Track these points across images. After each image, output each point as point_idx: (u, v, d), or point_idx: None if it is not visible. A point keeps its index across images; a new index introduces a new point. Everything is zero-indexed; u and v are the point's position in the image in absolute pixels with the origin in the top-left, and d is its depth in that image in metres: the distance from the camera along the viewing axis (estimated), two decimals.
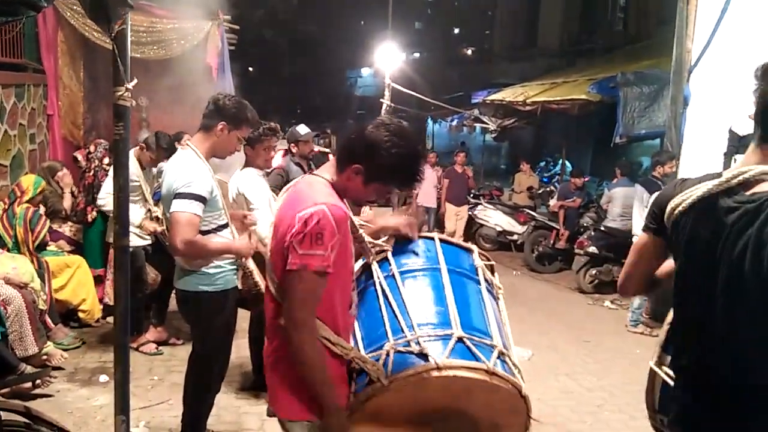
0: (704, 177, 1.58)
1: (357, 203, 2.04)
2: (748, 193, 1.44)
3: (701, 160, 6.22)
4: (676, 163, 6.30)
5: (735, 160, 5.85)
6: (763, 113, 1.49)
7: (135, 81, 2.18)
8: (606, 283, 7.74)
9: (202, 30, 7.86)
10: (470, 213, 10.59)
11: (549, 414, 4.16)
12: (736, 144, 5.85)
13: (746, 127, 5.81)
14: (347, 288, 2.03)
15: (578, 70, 12.77)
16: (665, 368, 1.92)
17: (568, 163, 12.70)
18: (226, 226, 3.09)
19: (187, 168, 2.89)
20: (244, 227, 3.22)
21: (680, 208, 1.54)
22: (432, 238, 2.49)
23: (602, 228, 7.92)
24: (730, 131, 5.87)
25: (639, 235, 1.81)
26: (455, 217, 10.32)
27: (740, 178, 1.45)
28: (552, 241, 9.16)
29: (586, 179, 10.72)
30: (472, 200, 10.99)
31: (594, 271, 7.76)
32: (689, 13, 6.30)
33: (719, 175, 1.52)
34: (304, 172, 5.89)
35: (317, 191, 1.87)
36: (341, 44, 23.30)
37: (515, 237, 10.04)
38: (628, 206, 7.16)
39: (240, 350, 4.62)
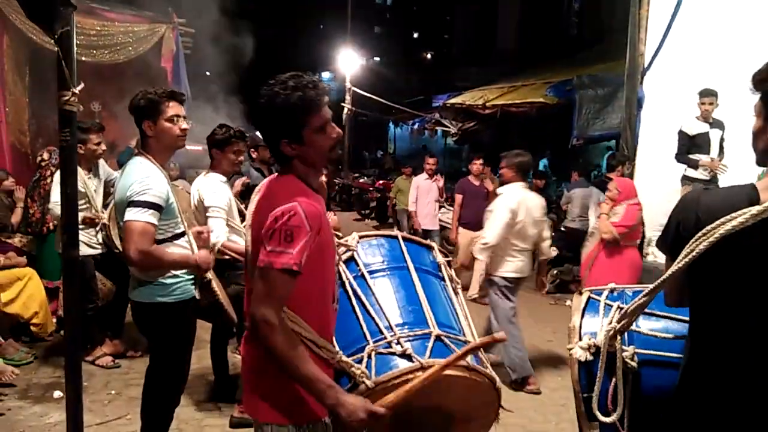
0: (728, 198, 1.51)
1: (329, 161, 1.94)
2: None
3: (656, 160, 6.40)
4: (631, 164, 6.45)
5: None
6: None
7: (81, 85, 2.09)
8: (567, 283, 7.86)
9: (156, 33, 7.71)
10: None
11: (514, 415, 4.17)
12: (687, 144, 6.03)
13: (696, 127, 6.00)
14: (330, 283, 1.96)
15: (535, 74, 12.99)
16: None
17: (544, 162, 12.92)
18: (183, 234, 2.99)
19: (141, 175, 2.79)
20: (202, 241, 3.13)
21: (713, 238, 1.45)
22: (395, 237, 2.49)
23: (562, 228, 8.04)
24: (681, 132, 6.04)
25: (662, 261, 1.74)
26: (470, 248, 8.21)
27: None
28: None
29: (549, 180, 10.85)
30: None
31: (555, 271, 7.86)
32: (641, 17, 6.47)
33: (749, 196, 1.47)
34: (265, 177, 5.83)
35: (289, 188, 1.82)
36: (300, 48, 23.17)
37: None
38: (586, 207, 7.30)
39: (201, 360, 4.51)
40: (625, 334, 2.00)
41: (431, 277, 2.38)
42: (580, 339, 2.05)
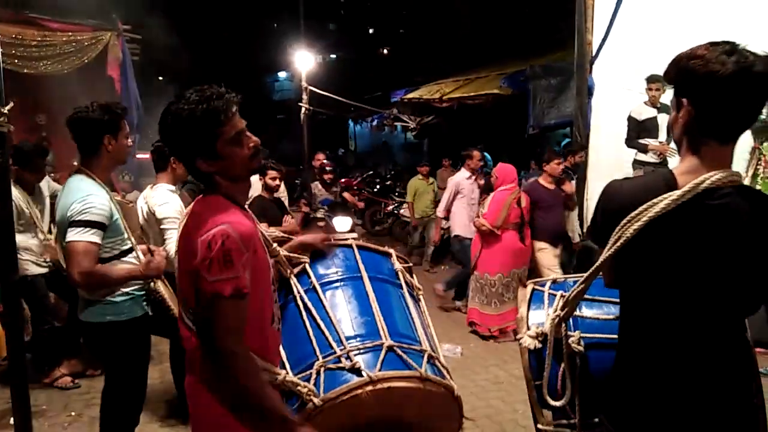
0: (648, 184, 1.56)
1: (252, 171, 1.89)
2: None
3: (608, 146, 6.51)
4: (585, 152, 6.55)
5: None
6: (714, 114, 1.49)
7: (11, 104, 2.00)
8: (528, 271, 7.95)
9: (100, 41, 7.49)
10: (396, 211, 10.65)
11: (481, 406, 4.22)
12: (637, 129, 6.17)
13: (644, 112, 6.14)
14: (268, 303, 1.91)
15: (491, 65, 13.08)
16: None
17: (488, 156, 12.98)
18: (130, 251, 2.92)
19: (82, 194, 2.71)
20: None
21: (639, 224, 1.50)
22: (350, 246, 2.45)
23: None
24: (630, 117, 6.18)
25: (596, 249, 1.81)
26: (554, 267, 5.99)
27: (704, 186, 1.47)
28: None
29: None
30: (397, 198, 11.04)
31: None
32: (587, 6, 6.56)
33: (666, 182, 1.52)
34: None
35: (215, 210, 1.74)
36: (255, 49, 22.87)
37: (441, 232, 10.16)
38: None
39: (165, 375, 4.43)
40: (571, 320, 2.07)
41: (388, 285, 2.34)
42: (528, 329, 2.10)
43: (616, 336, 1.72)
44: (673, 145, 5.99)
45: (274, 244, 2.19)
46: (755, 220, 1.45)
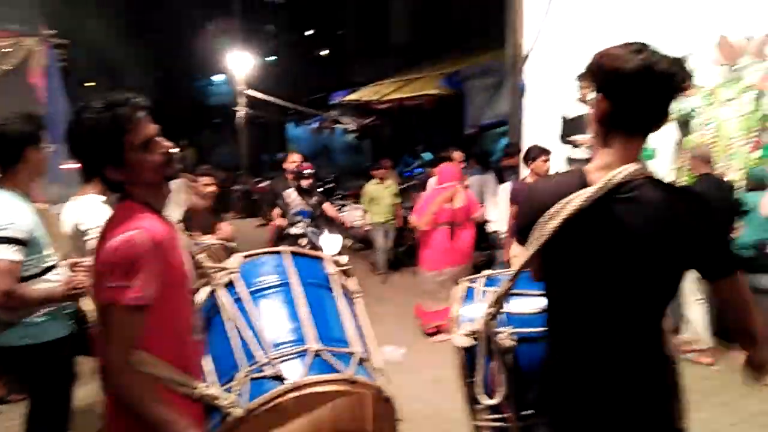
0: (563, 182, 1.64)
1: (168, 177, 1.82)
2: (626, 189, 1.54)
3: (543, 144, 6.66)
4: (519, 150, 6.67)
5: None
6: (621, 112, 1.56)
7: None
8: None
9: (22, 48, 7.10)
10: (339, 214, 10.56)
11: (424, 407, 4.22)
12: (569, 126, 6.36)
13: (575, 110, 6.32)
14: (186, 313, 1.85)
15: (429, 66, 13.21)
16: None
17: (429, 156, 13.11)
18: (53, 267, 2.77)
19: (1, 208, 2.55)
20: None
21: (557, 221, 1.56)
22: (279, 252, 2.42)
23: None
24: (563, 117, 6.36)
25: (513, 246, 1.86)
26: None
27: (615, 181, 1.53)
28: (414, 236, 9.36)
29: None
30: (338, 201, 10.98)
31: None
32: (518, 7, 6.71)
33: (579, 178, 1.59)
34: None
35: (127, 215, 1.69)
36: (189, 51, 22.32)
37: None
38: (482, 193, 7.49)
39: (93, 395, 4.23)
40: (503, 316, 2.10)
41: (320, 289, 2.31)
42: (461, 327, 2.12)
43: (545, 329, 1.76)
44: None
45: (200, 255, 2.13)
46: (664, 211, 1.51)
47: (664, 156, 5.87)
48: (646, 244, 1.52)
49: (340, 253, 5.20)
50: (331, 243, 6.06)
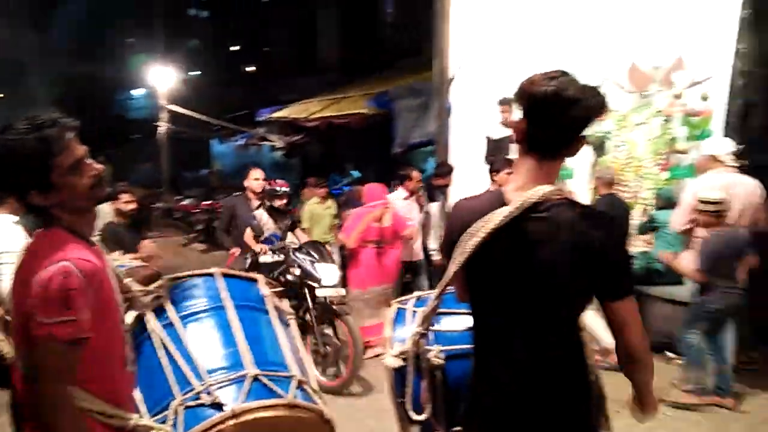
0: (483, 201, 1.69)
1: (97, 200, 1.75)
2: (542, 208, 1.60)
3: (468, 164, 6.86)
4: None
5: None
6: (537, 135, 1.62)
7: None
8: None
9: None
10: None
11: (354, 426, 4.18)
12: (492, 147, 6.59)
13: (499, 132, 6.56)
14: (118, 344, 1.77)
15: (357, 86, 13.32)
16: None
17: (357, 174, 13.16)
18: None
19: None
20: None
21: (477, 239, 1.61)
22: (211, 274, 2.34)
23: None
24: (487, 137, 6.59)
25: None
26: None
27: (531, 201, 1.58)
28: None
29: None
30: None
31: None
32: (445, 31, 6.91)
33: (498, 198, 1.66)
34: None
35: (55, 246, 1.58)
36: (111, 66, 21.48)
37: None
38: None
39: (4, 429, 3.92)
40: (432, 335, 2.15)
41: (255, 312, 2.27)
42: (392, 348, 2.14)
43: (471, 345, 1.80)
44: None
45: (127, 279, 2.04)
46: (573, 231, 1.57)
47: (580, 176, 6.18)
48: (556, 263, 1.58)
49: (335, 286, 4.86)
50: (329, 274, 4.95)
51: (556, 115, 1.56)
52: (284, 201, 5.63)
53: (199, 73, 22.42)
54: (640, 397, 1.73)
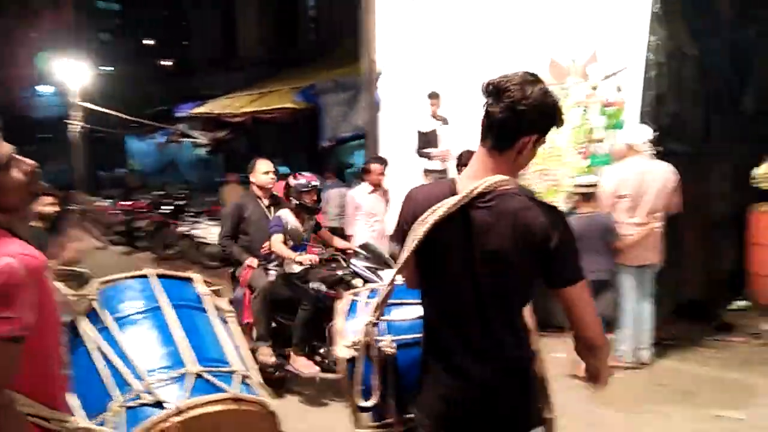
0: (434, 190, 1.73)
1: (31, 198, 1.62)
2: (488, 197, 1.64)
3: (400, 157, 6.94)
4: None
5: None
6: (490, 126, 1.66)
7: None
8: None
9: None
10: (190, 233, 10.11)
11: (302, 426, 4.16)
12: (423, 140, 6.69)
13: (428, 125, 6.67)
14: (55, 347, 1.68)
15: (282, 79, 13.14)
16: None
17: (285, 169, 12.97)
18: None
19: None
20: None
21: (427, 225, 1.64)
22: (145, 276, 2.30)
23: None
24: (417, 130, 6.68)
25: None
26: None
27: (478, 190, 1.62)
28: None
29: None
30: (190, 218, 10.51)
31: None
32: (370, 26, 6.93)
33: (449, 187, 1.69)
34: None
35: None
36: (16, 60, 20.12)
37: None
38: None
39: None
40: (383, 325, 2.18)
41: (192, 311, 2.24)
42: (345, 339, 2.16)
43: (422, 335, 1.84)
44: (452, 151, 6.61)
45: (56, 282, 1.95)
46: (517, 221, 1.61)
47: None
48: (500, 251, 1.61)
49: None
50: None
51: (504, 109, 1.60)
52: (314, 198, 4.62)
53: (112, 68, 21.41)
54: (594, 375, 1.78)
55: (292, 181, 4.64)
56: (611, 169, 5.08)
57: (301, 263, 4.36)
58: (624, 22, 5.61)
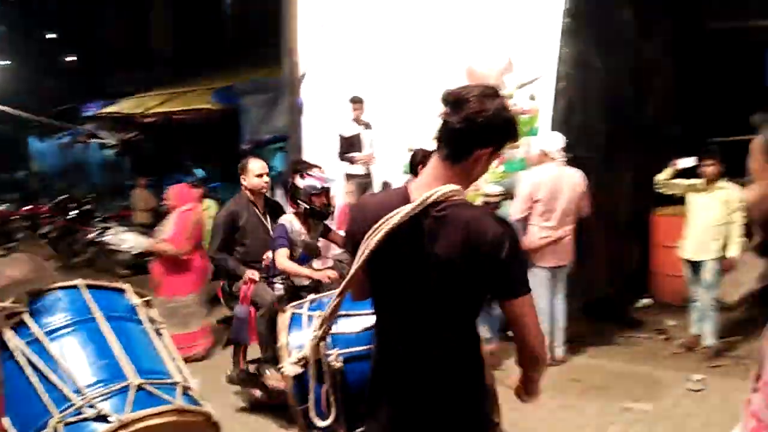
0: (387, 199, 1.72)
1: None
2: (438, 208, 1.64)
3: (322, 161, 6.90)
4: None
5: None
6: (447, 136, 1.66)
7: None
8: None
9: None
10: (100, 239, 9.59)
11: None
12: (345, 144, 6.70)
13: (351, 129, 6.69)
14: None
15: (197, 79, 12.74)
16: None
17: (201, 172, 12.57)
18: None
19: None
20: None
21: (379, 236, 1.63)
22: (75, 286, 2.19)
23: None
24: (339, 134, 6.69)
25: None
26: None
27: (430, 200, 1.62)
28: None
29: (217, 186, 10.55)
30: (99, 224, 9.99)
31: None
32: (293, 29, 6.87)
33: (403, 196, 1.68)
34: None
35: None
36: None
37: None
38: None
39: None
40: (329, 338, 2.14)
41: (127, 322, 2.19)
42: (290, 355, 2.11)
43: (371, 347, 1.83)
44: (376, 155, 6.65)
45: None
46: (467, 231, 1.61)
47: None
48: (449, 262, 1.61)
49: None
50: None
51: (461, 120, 1.61)
52: (324, 200, 4.04)
53: (9, 62, 19.94)
54: (529, 387, 1.81)
55: (299, 181, 4.02)
56: (527, 174, 5.30)
57: (320, 281, 3.84)
58: (537, 34, 5.90)
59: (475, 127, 1.61)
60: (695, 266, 5.16)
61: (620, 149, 6.33)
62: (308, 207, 3.97)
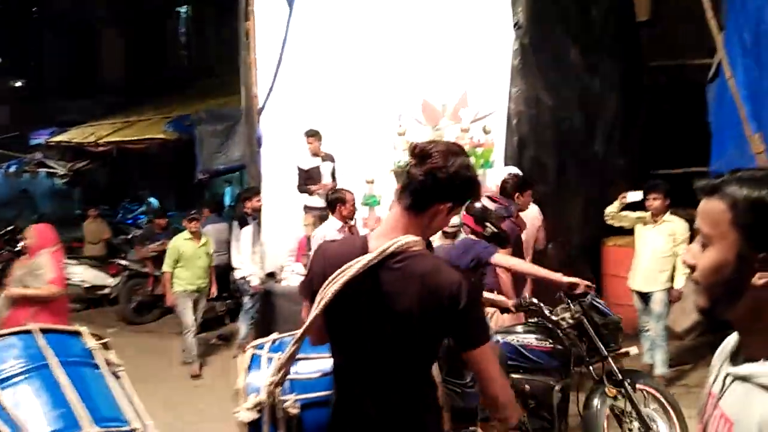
0: (345, 248, 1.75)
1: None
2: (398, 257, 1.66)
3: (280, 193, 6.92)
4: (259, 197, 6.80)
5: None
6: (409, 187, 1.70)
7: None
8: (212, 319, 7.84)
9: None
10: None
11: None
12: (303, 176, 6.74)
13: (309, 162, 6.74)
14: None
15: (150, 108, 12.56)
16: None
17: (156, 202, 12.32)
18: None
19: None
20: None
21: (337, 286, 1.65)
22: (29, 331, 2.12)
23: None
24: (298, 167, 6.73)
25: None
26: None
27: (389, 251, 1.65)
28: (150, 288, 8.70)
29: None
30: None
31: None
32: (250, 61, 6.89)
33: (362, 245, 1.72)
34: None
35: None
36: None
37: (107, 291, 9.18)
38: (222, 241, 7.39)
39: None
40: (288, 383, 2.08)
41: (83, 367, 2.12)
42: (246, 399, 2.05)
43: (329, 392, 1.83)
44: (331, 185, 6.67)
45: None
46: (425, 284, 1.64)
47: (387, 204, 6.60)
48: (406, 314, 1.64)
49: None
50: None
51: (424, 173, 1.66)
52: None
53: None
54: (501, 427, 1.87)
55: (491, 204, 3.85)
56: None
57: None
58: (490, 70, 6.12)
59: (436, 182, 1.66)
60: (644, 297, 5.27)
61: (570, 182, 6.56)
62: (496, 231, 3.80)
